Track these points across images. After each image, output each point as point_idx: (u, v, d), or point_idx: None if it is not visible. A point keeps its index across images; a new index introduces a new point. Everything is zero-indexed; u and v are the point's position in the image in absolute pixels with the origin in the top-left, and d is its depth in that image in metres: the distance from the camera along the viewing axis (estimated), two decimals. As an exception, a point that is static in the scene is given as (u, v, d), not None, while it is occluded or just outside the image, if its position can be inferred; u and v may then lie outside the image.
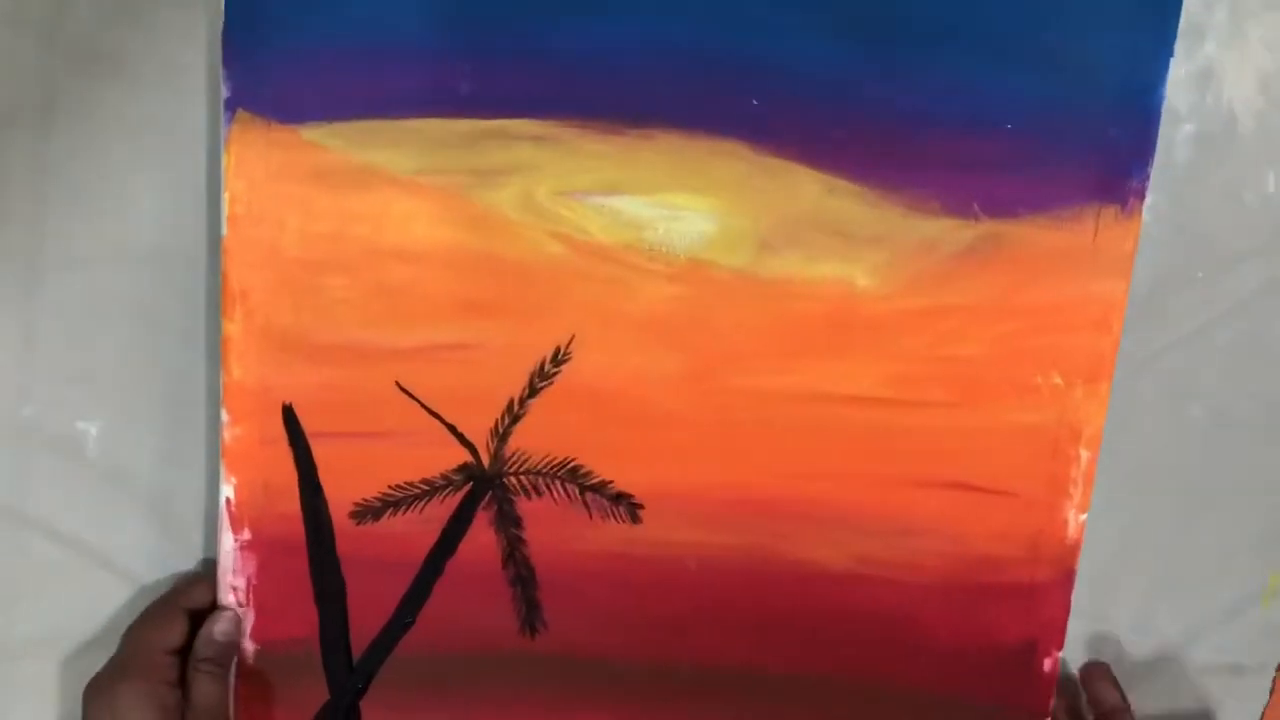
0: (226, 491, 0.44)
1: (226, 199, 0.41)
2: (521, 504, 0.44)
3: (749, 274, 0.42)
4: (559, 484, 0.44)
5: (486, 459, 0.44)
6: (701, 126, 0.41)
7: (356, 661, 0.45)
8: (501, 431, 0.44)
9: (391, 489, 0.44)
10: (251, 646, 0.45)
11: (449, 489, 0.44)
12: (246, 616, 0.44)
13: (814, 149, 0.41)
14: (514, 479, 0.44)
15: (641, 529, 0.44)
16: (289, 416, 0.43)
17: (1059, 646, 0.44)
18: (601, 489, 0.44)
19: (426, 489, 0.44)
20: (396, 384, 0.43)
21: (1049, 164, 0.41)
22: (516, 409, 0.43)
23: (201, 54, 0.42)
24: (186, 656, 0.43)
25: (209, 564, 0.45)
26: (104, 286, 0.43)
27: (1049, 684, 0.44)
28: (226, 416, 0.43)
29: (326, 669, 0.45)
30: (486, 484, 0.44)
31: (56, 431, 0.44)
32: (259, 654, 0.45)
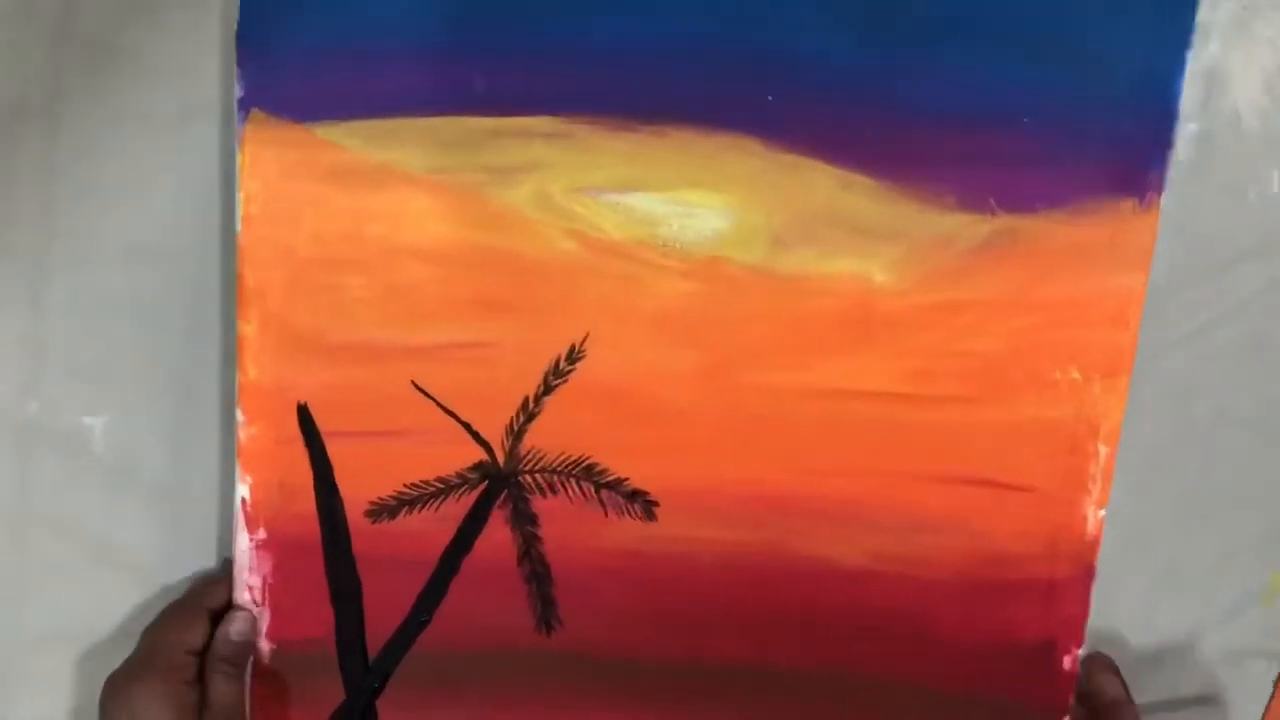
0: (242, 491, 0.44)
1: (241, 198, 0.41)
2: (537, 502, 0.44)
3: (764, 270, 0.42)
4: (574, 482, 0.44)
5: (502, 457, 0.44)
6: (715, 122, 0.41)
7: (372, 661, 0.45)
8: (516, 429, 0.43)
9: (407, 487, 0.44)
10: (267, 646, 0.45)
11: (464, 487, 0.44)
12: (262, 616, 0.44)
13: (828, 144, 0.41)
14: (529, 477, 0.44)
15: (657, 526, 0.44)
16: (304, 416, 0.43)
17: (1078, 644, 0.44)
18: (617, 486, 0.44)
19: (442, 487, 0.44)
20: (412, 383, 0.43)
21: (1066, 158, 0.40)
22: (531, 407, 0.43)
23: (215, 52, 0.42)
24: (205, 656, 0.43)
25: (228, 564, 0.45)
26: (114, 284, 0.43)
27: (1068, 682, 0.44)
28: (242, 416, 0.43)
29: (342, 668, 0.45)
30: (502, 482, 0.44)
31: (64, 427, 0.44)
32: (274, 654, 0.45)
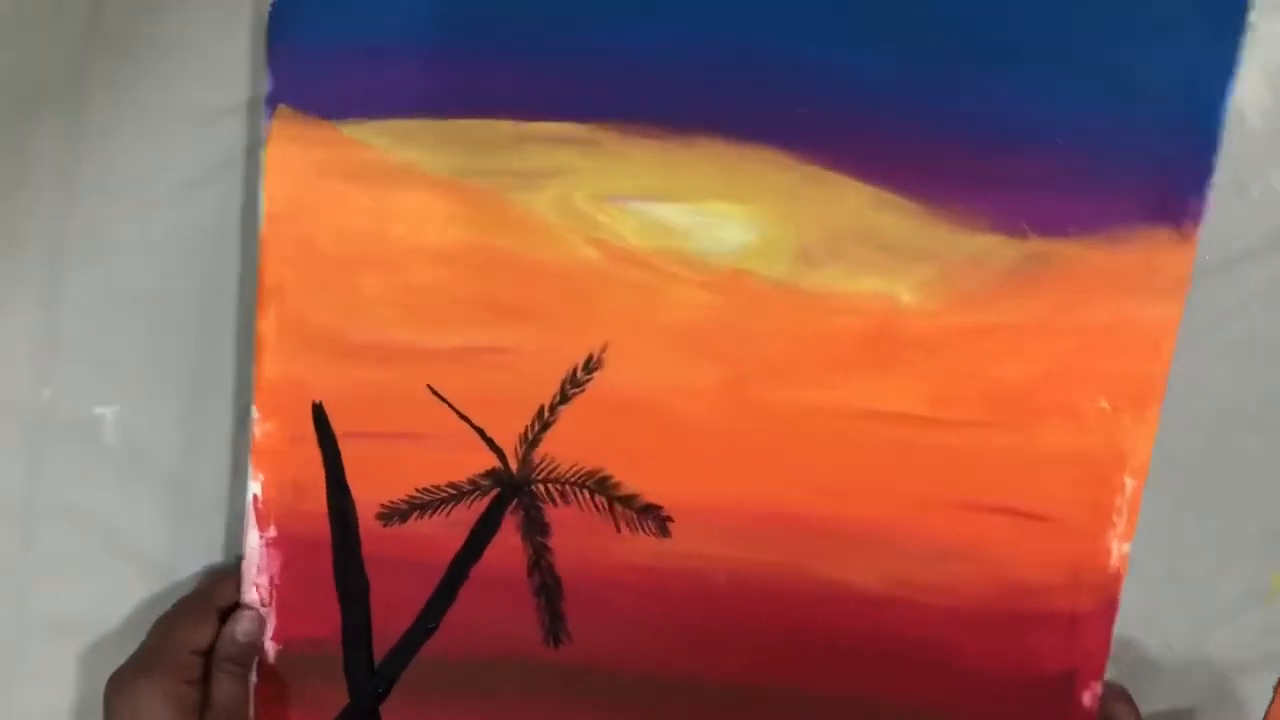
0: (254, 488, 0.43)
1: (264, 194, 0.41)
2: (549, 511, 0.43)
3: (789, 285, 0.41)
4: (587, 494, 0.43)
5: (515, 465, 0.43)
6: (746, 134, 0.40)
7: (378, 665, 0.44)
8: (531, 438, 0.43)
9: (419, 492, 0.43)
10: (273, 646, 0.44)
11: (476, 494, 0.43)
12: (269, 616, 0.44)
13: (860, 160, 0.40)
14: (542, 486, 0.43)
15: (670, 542, 0.43)
16: (319, 415, 0.43)
17: (1099, 678, 0.43)
18: (630, 501, 0.43)
19: (454, 493, 0.43)
20: (428, 386, 0.42)
21: (1102, 182, 0.39)
22: (547, 415, 0.43)
23: (244, 46, 0.41)
24: (210, 655, 0.43)
25: (239, 561, 0.44)
26: (131, 275, 0.43)
27: (1088, 716, 0.43)
28: (257, 413, 0.43)
29: (347, 671, 0.44)
30: (514, 490, 0.43)
31: (76, 417, 0.44)
32: (280, 654, 0.44)
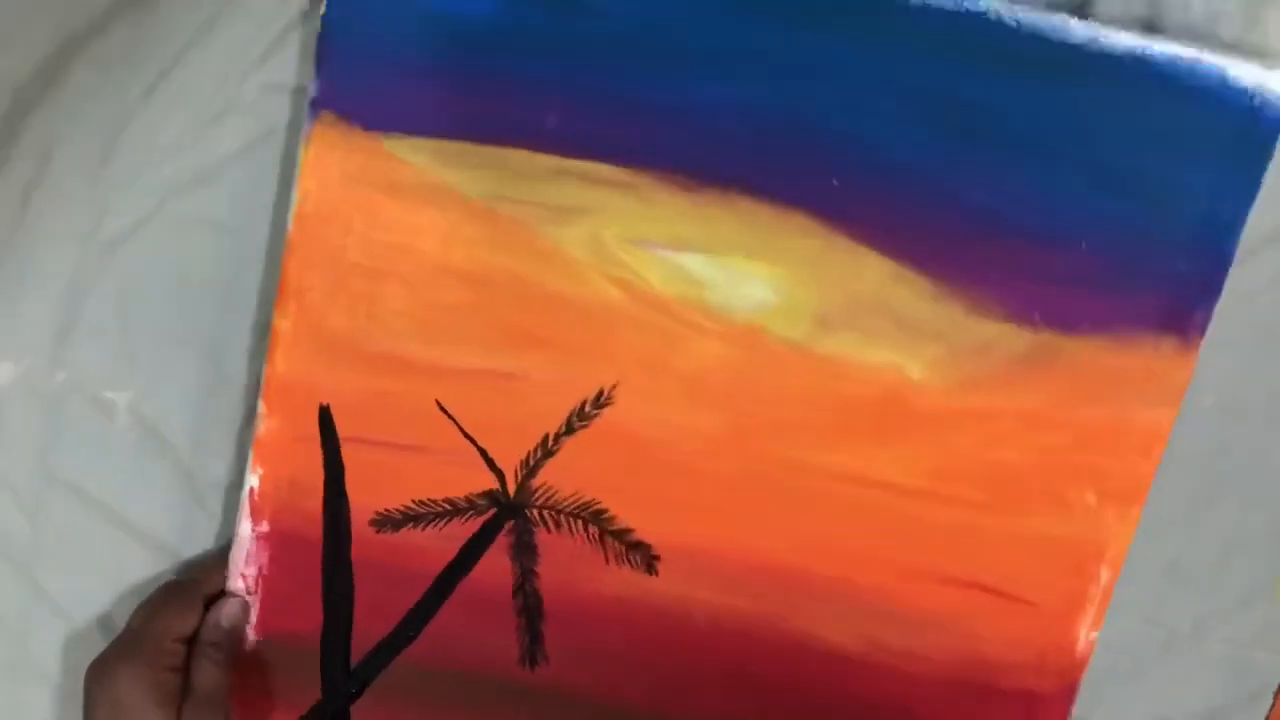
0: (252, 481, 0.44)
1: (297, 195, 0.41)
2: (541, 537, 0.44)
3: (803, 348, 0.42)
4: (580, 523, 0.44)
5: (513, 488, 0.44)
6: (778, 196, 0.41)
7: (354, 666, 0.45)
8: (532, 464, 0.44)
9: (415, 503, 0.44)
10: (252, 637, 0.45)
11: (472, 512, 0.44)
12: (252, 606, 0.44)
13: (887, 235, 0.41)
14: (537, 512, 0.44)
15: (655, 580, 0.44)
16: (325, 417, 0.43)
17: (1051, 756, 0.44)
18: (621, 535, 0.44)
19: (450, 509, 0.44)
20: (436, 402, 0.43)
21: (1117, 286, 0.41)
22: (550, 444, 0.43)
23: (293, 47, 0.42)
24: (192, 642, 0.43)
25: (226, 550, 0.45)
26: (155, 262, 0.43)
27: (1038, 792, 0.45)
28: (263, 408, 0.43)
29: (323, 669, 0.45)
30: (510, 512, 0.44)
31: (89, 399, 0.44)
32: (259, 645, 0.45)
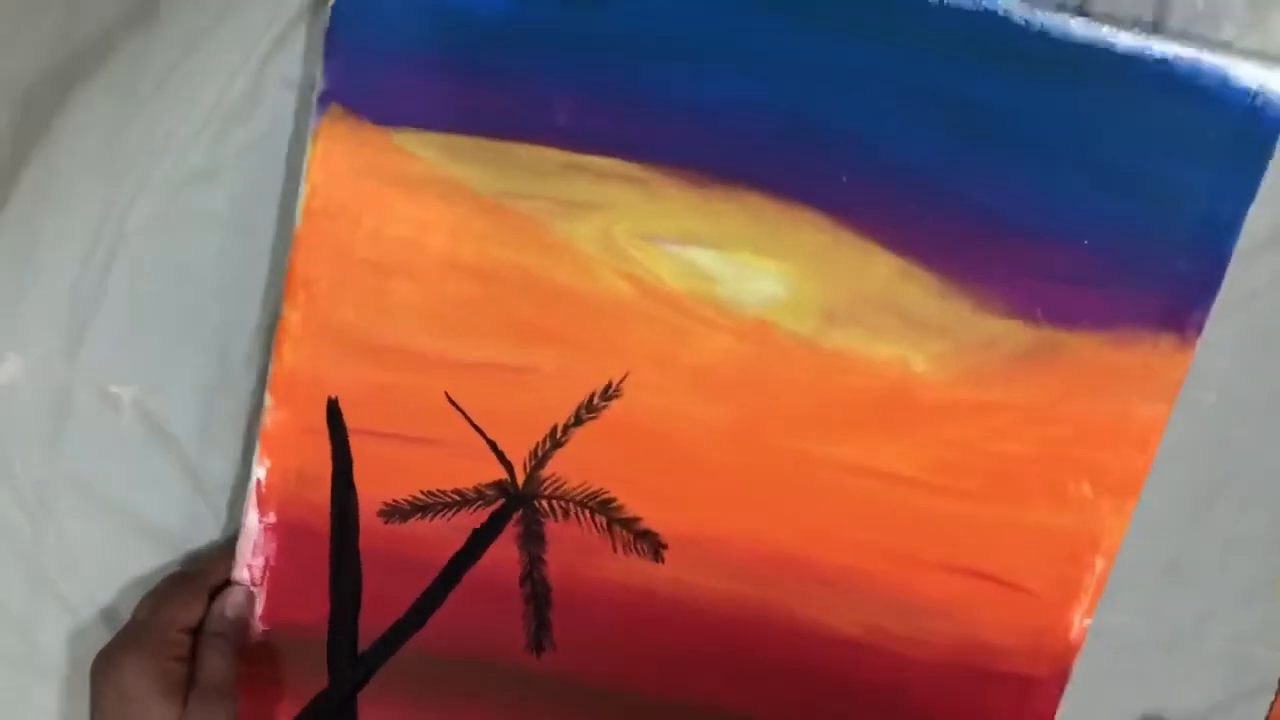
0: (259, 473, 0.44)
1: (305, 189, 0.41)
2: (549, 526, 0.45)
3: (810, 342, 0.43)
4: (588, 513, 0.45)
5: (521, 479, 0.44)
6: (788, 192, 0.41)
7: (361, 654, 0.46)
8: (541, 455, 0.44)
9: (423, 494, 0.44)
10: (259, 627, 0.45)
11: (480, 503, 0.44)
12: (259, 596, 0.45)
13: (894, 232, 0.41)
14: (545, 502, 0.45)
15: (662, 568, 0.45)
16: (333, 410, 0.43)
17: (1043, 738, 0.46)
18: (629, 524, 0.45)
19: (458, 500, 0.44)
20: (445, 394, 0.43)
21: (1118, 284, 0.41)
22: (559, 436, 0.44)
23: (301, 40, 0.41)
24: (198, 633, 0.43)
25: (233, 541, 0.45)
26: (160, 257, 0.43)
27: (1029, 773, 0.46)
28: (270, 400, 0.43)
29: (330, 657, 0.45)
30: (518, 503, 0.45)
31: (97, 393, 0.44)
32: (265, 635, 0.45)
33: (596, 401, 0.43)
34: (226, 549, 0.45)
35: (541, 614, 0.46)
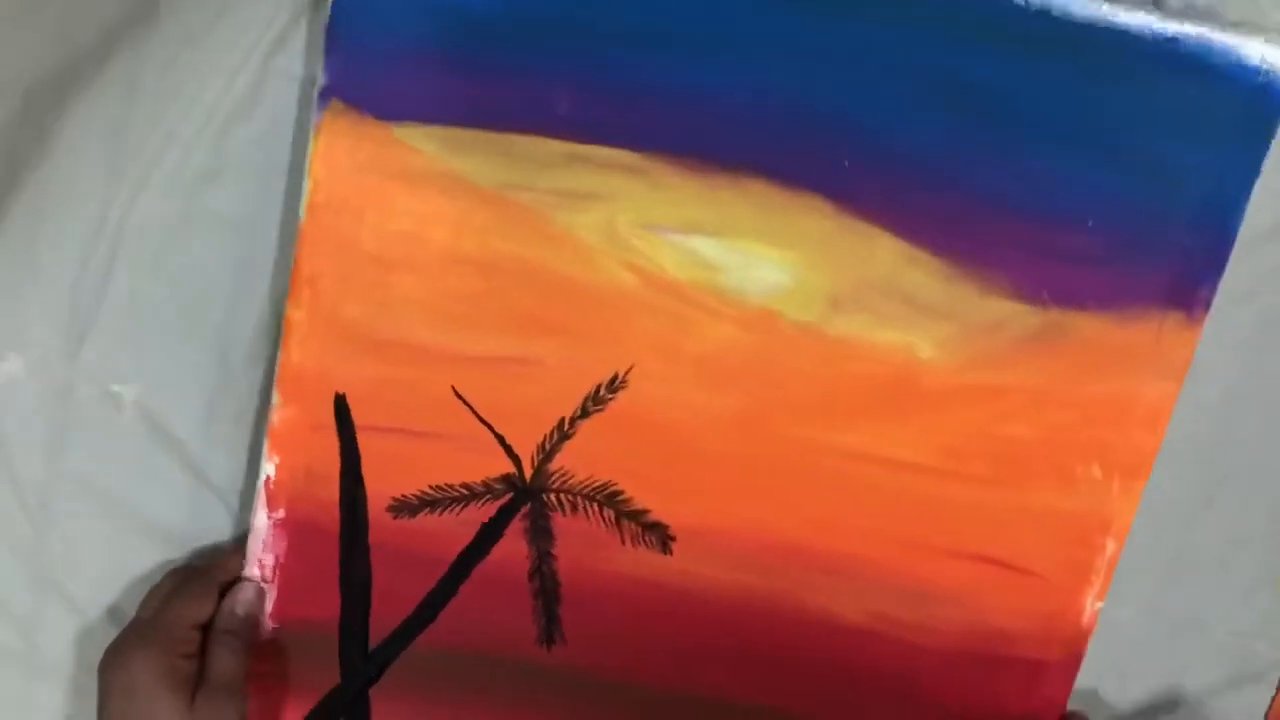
0: (268, 470, 0.44)
1: (308, 185, 0.41)
2: (557, 520, 0.45)
3: (815, 330, 0.42)
4: (596, 506, 0.45)
5: (529, 473, 0.44)
6: (791, 179, 0.41)
7: (373, 650, 0.46)
8: (548, 448, 0.44)
9: (432, 489, 0.44)
10: (270, 624, 0.45)
11: (488, 496, 0.44)
12: (269, 594, 0.45)
13: (898, 217, 0.41)
14: (553, 495, 0.44)
15: (671, 560, 0.45)
16: (340, 406, 0.43)
17: (1057, 722, 0.46)
18: (637, 516, 0.45)
19: (466, 493, 0.44)
20: (452, 388, 0.43)
21: (1124, 264, 0.41)
22: (566, 428, 0.44)
23: (302, 36, 0.41)
24: (207, 630, 0.43)
25: (243, 538, 0.45)
26: (161, 255, 0.43)
27: (1045, 757, 0.46)
28: (278, 398, 0.43)
29: (342, 654, 0.45)
30: (526, 496, 0.45)
31: (99, 392, 0.44)
32: (276, 632, 0.45)
33: (603, 393, 0.43)
34: (235, 546, 0.45)
35: (551, 608, 0.46)
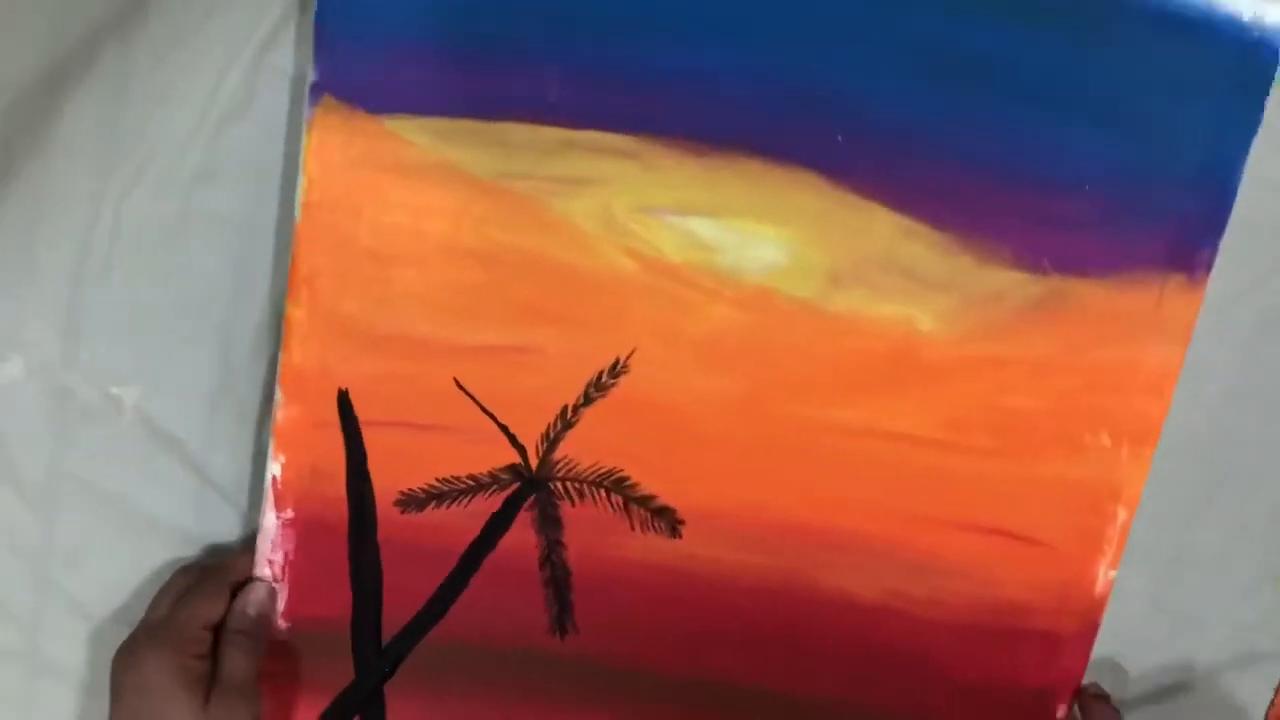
0: (274, 469, 0.44)
1: (303, 182, 0.41)
2: (564, 508, 0.45)
3: (815, 307, 0.42)
4: (603, 492, 0.44)
5: (535, 462, 0.44)
6: (784, 156, 0.41)
7: (385, 645, 0.46)
8: (553, 437, 0.44)
9: (438, 481, 0.44)
10: (281, 623, 0.45)
11: (495, 487, 0.44)
12: (280, 592, 0.45)
13: (893, 190, 0.41)
14: (560, 484, 0.44)
15: (680, 544, 0.45)
16: (344, 402, 0.43)
17: (1074, 695, 0.45)
18: (645, 502, 0.44)
19: (473, 485, 0.44)
20: (454, 380, 0.43)
21: (1123, 228, 0.41)
22: (570, 416, 0.44)
23: (291, 33, 0.41)
24: (219, 630, 0.43)
25: (253, 538, 0.45)
26: (159, 257, 0.43)
27: (1060, 729, 0.46)
28: (281, 397, 0.43)
29: (355, 650, 0.45)
30: (532, 486, 0.45)
31: (99, 394, 0.44)
32: (288, 631, 0.45)
33: (605, 379, 0.43)
34: (244, 546, 0.45)
35: (563, 596, 0.45)
